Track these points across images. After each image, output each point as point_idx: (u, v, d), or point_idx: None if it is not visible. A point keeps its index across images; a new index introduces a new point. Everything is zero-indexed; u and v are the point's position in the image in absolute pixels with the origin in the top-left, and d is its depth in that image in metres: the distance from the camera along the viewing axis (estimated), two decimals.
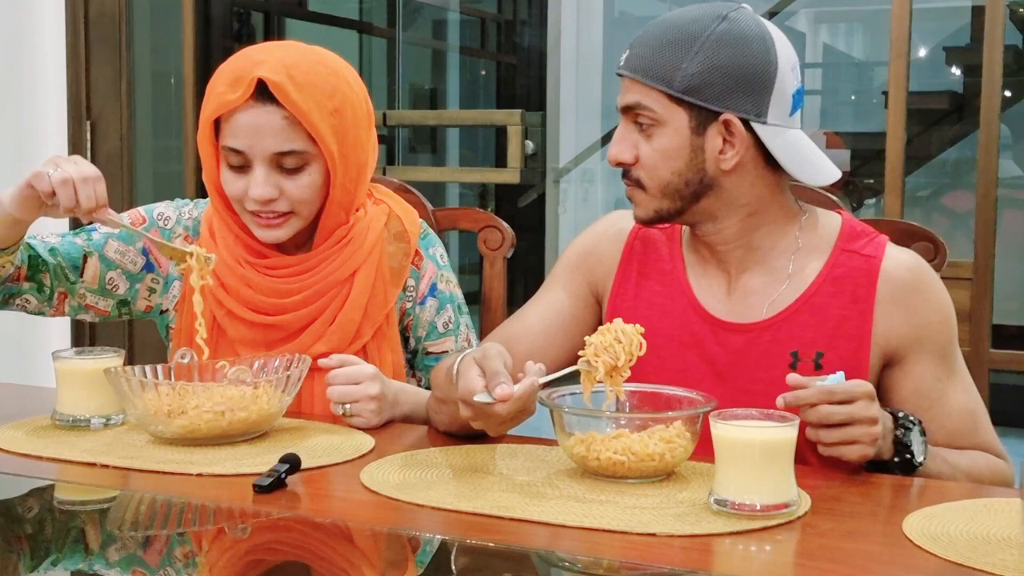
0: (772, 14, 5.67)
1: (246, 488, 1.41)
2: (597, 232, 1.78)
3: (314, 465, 1.50)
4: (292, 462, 1.44)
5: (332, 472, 1.50)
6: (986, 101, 2.88)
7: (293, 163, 1.77)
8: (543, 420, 1.51)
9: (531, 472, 1.48)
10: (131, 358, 1.74)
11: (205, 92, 1.80)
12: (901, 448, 1.48)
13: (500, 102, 6.95)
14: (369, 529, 1.33)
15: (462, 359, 1.47)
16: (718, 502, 1.32)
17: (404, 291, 1.90)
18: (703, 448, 1.42)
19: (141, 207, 1.94)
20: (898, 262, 1.62)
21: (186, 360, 1.69)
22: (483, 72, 7.41)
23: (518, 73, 6.89)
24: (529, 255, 5.96)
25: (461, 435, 1.64)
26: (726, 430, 1.31)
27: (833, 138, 5.61)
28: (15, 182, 1.66)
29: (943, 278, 1.66)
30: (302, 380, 1.66)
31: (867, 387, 1.43)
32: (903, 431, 1.48)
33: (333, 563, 1.28)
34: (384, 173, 4.13)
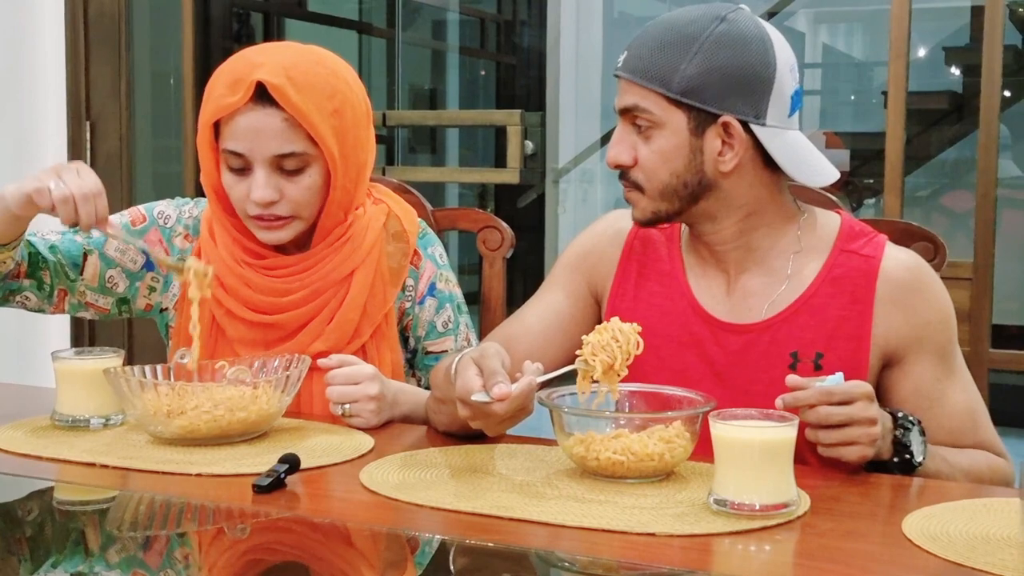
0: (771, 14, 5.67)
1: (245, 488, 1.41)
2: (596, 232, 1.78)
3: (313, 465, 1.50)
4: (291, 462, 1.44)
5: (331, 472, 1.50)
6: (986, 101, 2.87)
7: (294, 165, 1.77)
8: (542, 420, 1.51)
9: (530, 472, 1.48)
10: (130, 358, 1.74)
11: (204, 94, 1.80)
12: (901, 448, 1.48)
13: (500, 102, 6.95)
14: (368, 529, 1.33)
15: (460, 359, 1.47)
16: (717, 502, 1.32)
17: (403, 291, 1.90)
18: (702, 448, 1.42)
19: (141, 205, 1.94)
20: (897, 262, 1.62)
21: (185, 360, 1.69)
22: (483, 72, 7.41)
23: (517, 73, 6.89)
24: (528, 255, 5.96)
25: (460, 435, 1.63)
26: (725, 430, 1.31)
27: (833, 138, 5.61)
28: (16, 181, 1.66)
29: (943, 278, 1.66)
30: (301, 380, 1.66)
31: (866, 388, 1.43)
32: (902, 431, 1.48)
33: (332, 563, 1.28)
34: (384, 173, 4.13)
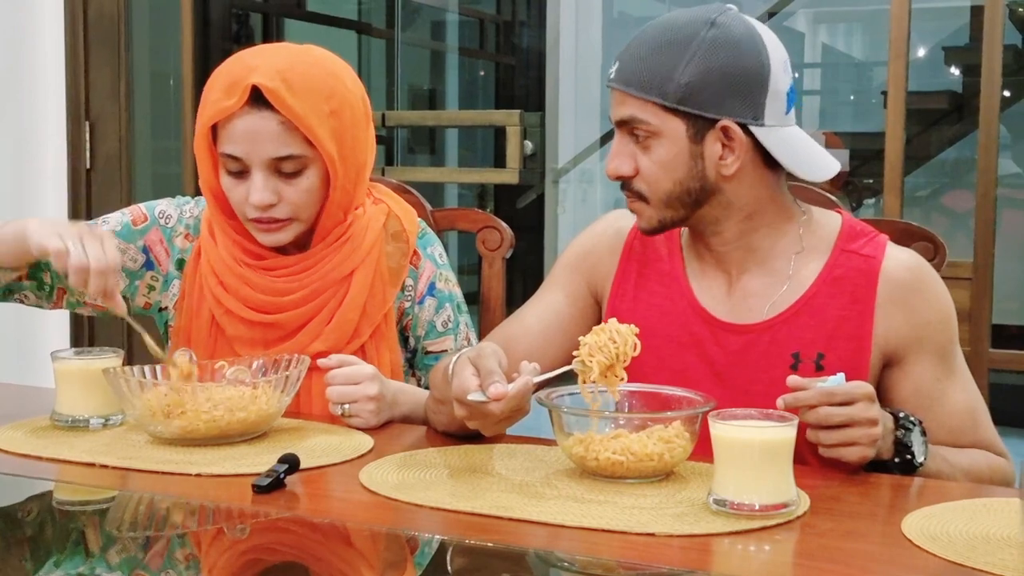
0: (771, 14, 5.67)
1: (245, 488, 1.40)
2: (596, 232, 1.78)
3: (313, 465, 1.50)
4: (291, 462, 1.44)
5: (331, 472, 1.50)
6: (985, 101, 2.87)
7: (291, 167, 1.77)
8: (542, 420, 1.51)
9: (530, 472, 1.48)
10: (130, 358, 1.74)
11: (201, 97, 1.79)
12: (901, 449, 1.48)
13: (499, 103, 6.96)
14: (368, 529, 1.33)
15: (457, 359, 1.46)
16: (717, 502, 1.31)
17: (402, 291, 1.90)
18: (702, 448, 1.42)
19: (143, 204, 1.94)
20: (898, 262, 1.61)
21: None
22: (482, 73, 7.41)
23: (517, 74, 6.90)
24: (528, 255, 5.96)
25: (460, 435, 1.63)
26: (725, 430, 1.31)
27: (832, 138, 5.61)
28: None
29: (943, 278, 1.65)
30: (301, 380, 1.66)
31: (867, 388, 1.43)
32: (903, 432, 1.48)
33: (332, 563, 1.28)
34: (383, 174, 4.13)
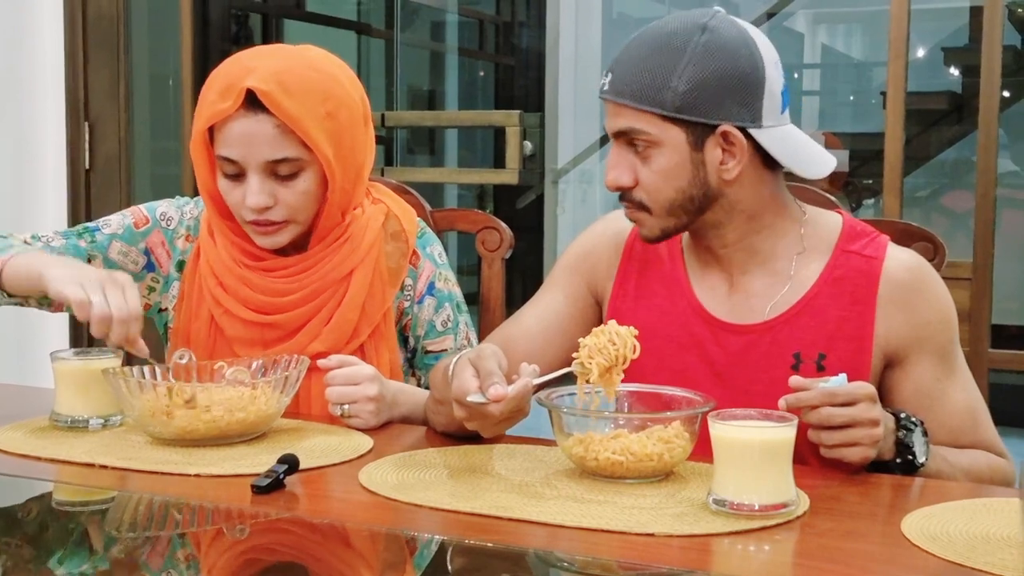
0: (770, 15, 5.68)
1: (244, 489, 1.40)
2: (596, 233, 1.78)
3: (312, 466, 1.50)
4: (290, 463, 1.44)
5: (330, 473, 1.50)
6: (985, 101, 2.87)
7: (287, 170, 1.76)
8: (541, 420, 1.51)
9: (529, 472, 1.48)
10: (129, 359, 1.74)
11: (198, 99, 1.79)
12: (903, 449, 1.48)
13: (498, 103, 6.96)
14: (367, 529, 1.33)
15: (457, 360, 1.46)
16: (717, 502, 1.31)
17: (402, 290, 1.90)
18: (701, 448, 1.42)
19: (143, 205, 1.94)
20: (899, 262, 1.61)
21: (184, 360, 1.69)
22: (481, 73, 7.41)
23: (516, 74, 6.90)
24: (528, 256, 5.96)
25: (459, 436, 1.63)
26: (725, 430, 1.31)
27: (832, 139, 5.62)
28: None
29: (943, 278, 1.65)
30: (300, 381, 1.65)
31: (869, 389, 1.42)
32: (905, 432, 1.48)
33: (331, 564, 1.28)
34: (382, 174, 4.13)
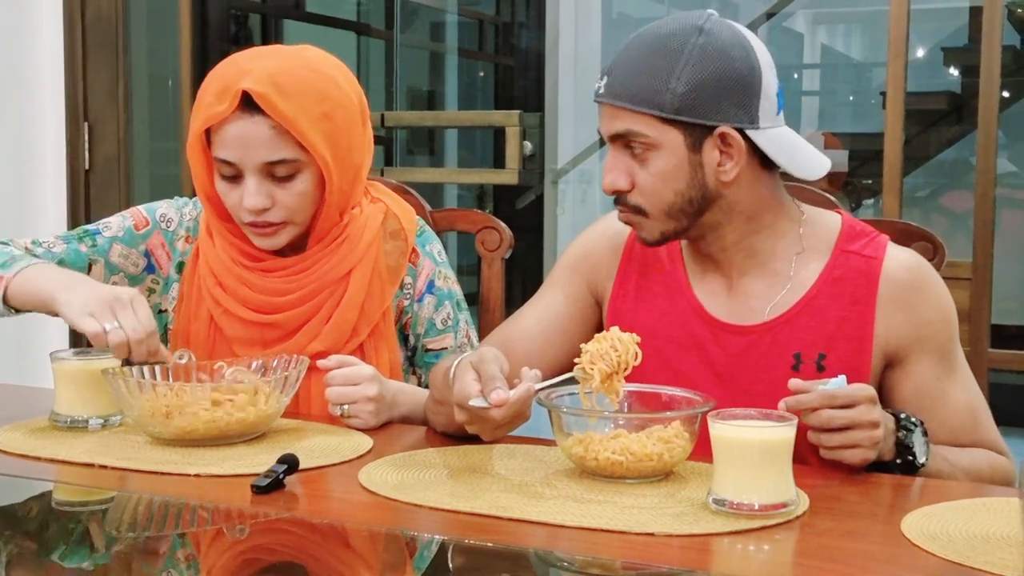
0: (770, 15, 5.68)
1: (244, 489, 1.40)
2: (596, 233, 1.78)
3: (312, 466, 1.50)
4: (290, 463, 1.44)
5: (330, 473, 1.50)
6: (984, 101, 2.87)
7: (284, 171, 1.76)
8: (541, 421, 1.51)
9: (529, 472, 1.48)
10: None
11: (195, 101, 1.79)
12: (903, 450, 1.48)
13: (498, 103, 6.95)
14: (367, 529, 1.33)
15: (459, 363, 1.46)
16: (716, 502, 1.31)
17: (401, 289, 1.90)
18: (701, 448, 1.42)
19: (143, 206, 1.94)
20: (899, 262, 1.61)
21: (184, 361, 1.69)
22: (481, 74, 7.41)
23: (516, 74, 6.89)
24: (527, 256, 5.95)
25: (459, 436, 1.63)
26: (724, 430, 1.31)
27: (831, 139, 5.62)
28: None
29: (942, 278, 1.66)
30: (300, 381, 1.65)
31: (869, 391, 1.42)
32: (905, 433, 1.48)
33: (331, 564, 1.28)
34: (382, 175, 4.12)
